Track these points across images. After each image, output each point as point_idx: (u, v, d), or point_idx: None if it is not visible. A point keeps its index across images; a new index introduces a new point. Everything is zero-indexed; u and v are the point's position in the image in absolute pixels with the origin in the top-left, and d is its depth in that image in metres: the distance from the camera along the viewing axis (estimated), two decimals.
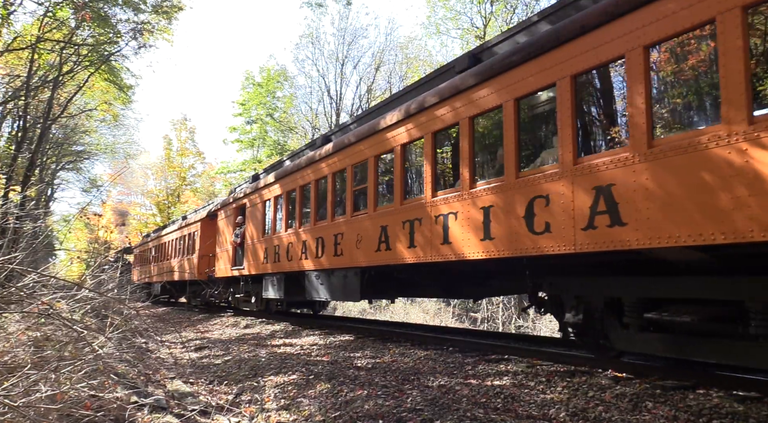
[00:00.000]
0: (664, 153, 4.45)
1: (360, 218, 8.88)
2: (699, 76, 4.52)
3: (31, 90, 17.93)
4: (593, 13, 5.12)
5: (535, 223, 5.61)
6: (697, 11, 4.29)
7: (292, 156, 13.25)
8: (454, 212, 6.79)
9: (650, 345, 5.33)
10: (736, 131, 3.98)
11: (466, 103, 6.73)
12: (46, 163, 28.50)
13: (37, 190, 21.98)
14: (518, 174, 5.93)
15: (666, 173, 4.42)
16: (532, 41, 5.83)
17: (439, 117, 7.23)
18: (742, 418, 3.86)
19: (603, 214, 4.90)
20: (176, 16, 18.28)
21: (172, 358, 7.76)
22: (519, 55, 5.92)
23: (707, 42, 4.38)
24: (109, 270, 7.63)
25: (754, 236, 3.81)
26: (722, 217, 4.00)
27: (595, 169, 5.00)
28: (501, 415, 4.18)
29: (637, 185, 4.64)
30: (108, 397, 4.03)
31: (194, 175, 47.34)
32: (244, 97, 35.25)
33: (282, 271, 11.89)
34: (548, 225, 5.45)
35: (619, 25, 4.89)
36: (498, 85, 6.27)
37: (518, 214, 5.82)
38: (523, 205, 5.78)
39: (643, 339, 5.40)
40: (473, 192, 6.53)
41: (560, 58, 5.46)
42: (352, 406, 4.61)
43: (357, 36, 32.18)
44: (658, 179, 4.49)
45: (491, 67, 6.34)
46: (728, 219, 3.96)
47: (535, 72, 5.76)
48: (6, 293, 4.53)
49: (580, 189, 5.14)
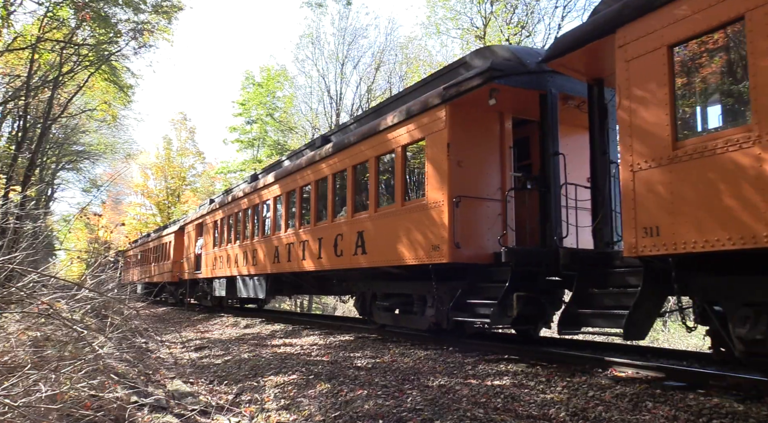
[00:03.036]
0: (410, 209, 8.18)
1: (266, 239, 13.24)
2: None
3: (31, 90, 17.92)
4: (373, 125, 9.06)
5: (339, 248, 9.74)
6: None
7: (226, 193, 18.63)
8: (305, 240, 11.08)
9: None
10: None
11: (315, 169, 10.99)
12: (46, 163, 28.50)
13: (37, 190, 21.99)
14: (333, 218, 10.24)
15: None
16: (339, 142, 10.03)
17: (303, 177, 11.48)
18: (742, 418, 3.86)
19: (360, 247, 9.07)
20: (176, 16, 18.27)
21: (172, 358, 7.76)
22: (335, 149, 10.26)
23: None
24: (109, 270, 7.63)
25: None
26: None
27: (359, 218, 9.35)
28: (501, 415, 4.18)
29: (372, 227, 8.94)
30: (108, 397, 4.03)
31: (194, 175, 47.33)
32: (244, 97, 35.21)
33: (224, 275, 16.24)
34: (342, 251, 9.58)
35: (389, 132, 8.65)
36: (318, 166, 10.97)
37: (331, 243, 10.02)
38: (333, 237, 9.95)
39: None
40: (314, 228, 10.77)
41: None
42: (352, 406, 4.61)
43: (357, 36, 32.12)
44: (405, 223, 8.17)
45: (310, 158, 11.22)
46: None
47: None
48: (6, 293, 4.53)
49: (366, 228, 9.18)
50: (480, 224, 7.32)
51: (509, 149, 7.74)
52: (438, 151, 7.38)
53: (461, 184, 7.21)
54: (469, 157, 7.34)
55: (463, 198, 7.13)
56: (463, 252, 7.09)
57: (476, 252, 7.23)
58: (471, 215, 7.25)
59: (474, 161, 7.39)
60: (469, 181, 7.29)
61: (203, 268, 18.38)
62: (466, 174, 7.27)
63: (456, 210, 7.09)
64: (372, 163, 8.98)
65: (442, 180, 7.28)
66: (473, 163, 7.37)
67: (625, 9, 5.11)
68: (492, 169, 7.60)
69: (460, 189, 7.17)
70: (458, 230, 7.07)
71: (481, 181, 7.44)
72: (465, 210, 7.17)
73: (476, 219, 7.31)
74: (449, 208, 7.09)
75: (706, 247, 4.33)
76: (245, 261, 14.26)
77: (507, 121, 7.82)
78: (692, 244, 4.44)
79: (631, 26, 5.06)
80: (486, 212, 7.39)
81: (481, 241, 7.28)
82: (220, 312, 17.31)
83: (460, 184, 7.20)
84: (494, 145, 7.69)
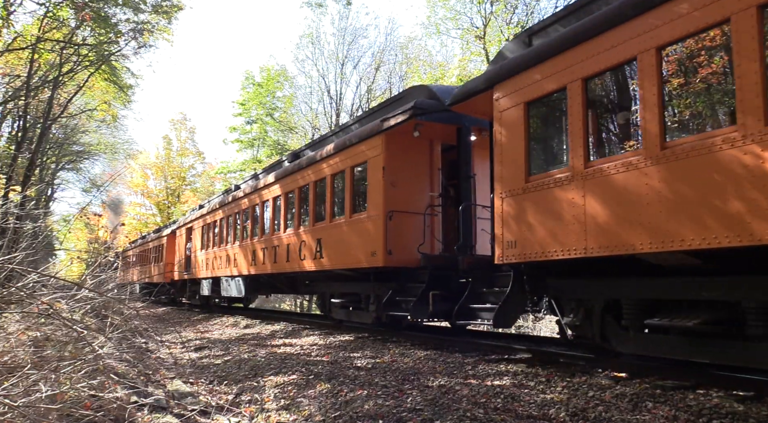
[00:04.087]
0: (356, 221, 9.41)
1: (242, 244, 14.78)
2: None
3: (31, 90, 17.90)
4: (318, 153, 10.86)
5: (303, 253, 11.13)
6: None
7: (210, 202, 20.26)
8: (276, 246, 12.55)
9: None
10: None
11: (284, 183, 12.44)
12: (46, 163, 28.47)
13: (37, 190, 21.97)
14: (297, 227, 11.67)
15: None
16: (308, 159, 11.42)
17: (272, 191, 13.06)
18: (742, 418, 3.86)
19: (319, 252, 10.42)
20: (176, 16, 18.26)
21: (172, 358, 7.76)
22: (297, 167, 11.75)
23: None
24: (108, 270, 7.63)
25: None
26: None
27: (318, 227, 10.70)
28: (501, 415, 4.18)
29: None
30: (108, 397, 4.03)
31: (194, 175, 47.31)
32: (244, 97, 35.16)
33: (210, 276, 17.78)
34: (305, 255, 10.98)
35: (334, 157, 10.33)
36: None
37: (297, 248, 11.46)
38: (299, 243, 11.37)
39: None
40: (283, 234, 12.17)
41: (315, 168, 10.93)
42: (352, 406, 4.61)
43: (357, 36, 32.09)
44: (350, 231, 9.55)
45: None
46: None
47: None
48: (6, 293, 4.53)
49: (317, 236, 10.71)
50: (409, 234, 8.61)
51: (438, 171, 9.20)
52: (376, 173, 8.80)
53: (394, 201, 8.60)
54: (402, 178, 8.79)
55: (395, 213, 8.50)
56: (394, 258, 8.43)
57: (406, 258, 8.51)
58: (402, 227, 8.57)
59: (406, 181, 8.84)
60: (400, 199, 8.67)
61: (192, 270, 19.96)
62: (398, 192, 8.68)
63: (389, 222, 8.45)
64: (328, 180, 10.37)
65: (378, 197, 8.68)
66: (405, 183, 8.82)
67: (500, 71, 6.62)
68: (421, 188, 9.03)
69: (392, 205, 8.55)
70: (390, 239, 8.44)
71: (412, 198, 8.81)
72: (396, 222, 8.51)
73: (406, 230, 8.61)
74: (384, 220, 8.47)
75: (545, 256, 5.80)
76: (227, 264, 15.94)
77: (436, 146, 9.27)
78: (536, 254, 5.93)
79: (502, 85, 6.57)
80: (414, 224, 8.66)
81: (409, 248, 8.52)
82: (208, 310, 18.84)
83: (393, 200, 8.60)
84: (424, 168, 9.19)
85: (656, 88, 4.78)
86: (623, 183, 4.99)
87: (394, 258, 8.41)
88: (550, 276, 6.32)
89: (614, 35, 5.17)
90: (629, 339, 5.49)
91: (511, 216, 6.31)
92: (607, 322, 5.74)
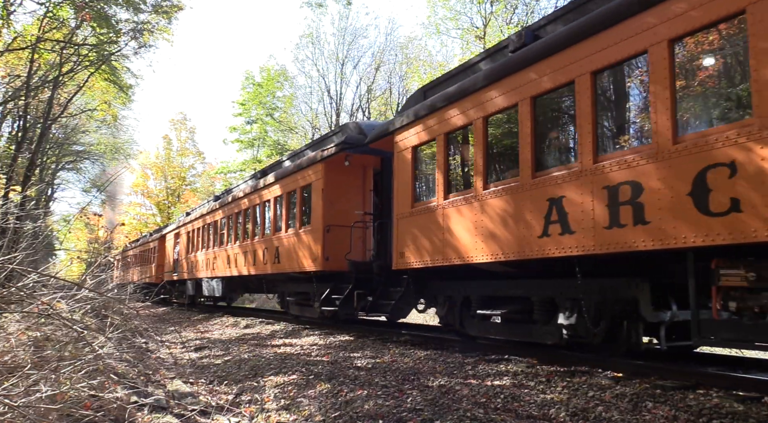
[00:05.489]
0: (304, 232, 11.52)
1: (220, 249, 16.78)
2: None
3: (31, 90, 17.88)
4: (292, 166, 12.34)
5: (265, 258, 13.15)
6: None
7: (192, 211, 22.57)
8: (246, 252, 14.53)
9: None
10: None
11: (249, 199, 14.51)
12: (46, 163, 28.44)
13: (37, 190, 21.97)
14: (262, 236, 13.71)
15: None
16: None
17: (241, 205, 15.17)
18: (742, 418, 3.86)
19: (277, 257, 12.37)
20: (176, 16, 18.22)
21: (172, 358, 7.76)
22: (263, 184, 13.50)
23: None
24: (108, 270, 7.63)
25: None
26: None
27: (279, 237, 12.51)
28: (501, 415, 4.17)
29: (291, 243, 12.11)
30: (108, 397, 4.03)
31: (194, 175, 47.31)
32: (244, 97, 35.16)
33: (193, 278, 19.81)
34: (267, 260, 12.96)
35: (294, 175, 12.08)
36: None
37: (261, 254, 13.41)
38: (262, 250, 13.39)
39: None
40: (252, 242, 14.12)
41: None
42: (352, 406, 4.60)
43: (357, 36, 32.07)
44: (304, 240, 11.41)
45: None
46: None
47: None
48: (6, 293, 4.53)
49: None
50: (344, 244, 10.22)
51: (370, 192, 11.04)
52: (318, 193, 10.75)
53: (331, 217, 10.46)
54: (338, 197, 10.69)
55: (332, 226, 10.39)
56: (330, 263, 10.29)
57: (339, 264, 10.22)
58: (337, 238, 10.32)
59: (341, 201, 10.72)
60: (337, 215, 10.50)
61: (179, 271, 22.02)
62: (335, 210, 10.54)
63: (327, 234, 10.36)
64: (285, 197, 12.30)
65: (319, 213, 10.62)
66: (341, 202, 10.70)
67: (397, 120, 8.54)
68: (355, 206, 10.86)
69: (330, 220, 10.44)
70: (327, 248, 10.34)
71: (346, 215, 10.55)
72: (333, 234, 10.36)
73: (341, 240, 10.28)
74: (322, 232, 10.39)
75: (423, 264, 7.73)
76: (207, 267, 18.09)
77: (369, 171, 11.06)
78: (416, 263, 7.88)
79: (398, 132, 8.48)
80: (348, 235, 10.22)
81: (342, 256, 10.14)
82: (198, 308, 20.27)
83: (331, 216, 10.46)
84: (358, 190, 11.12)
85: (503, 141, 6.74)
86: (463, 212, 6.97)
87: (330, 263, 10.28)
88: (430, 279, 8.24)
89: (462, 103, 7.05)
90: (475, 325, 7.49)
91: (401, 233, 8.29)
92: (464, 313, 7.68)
